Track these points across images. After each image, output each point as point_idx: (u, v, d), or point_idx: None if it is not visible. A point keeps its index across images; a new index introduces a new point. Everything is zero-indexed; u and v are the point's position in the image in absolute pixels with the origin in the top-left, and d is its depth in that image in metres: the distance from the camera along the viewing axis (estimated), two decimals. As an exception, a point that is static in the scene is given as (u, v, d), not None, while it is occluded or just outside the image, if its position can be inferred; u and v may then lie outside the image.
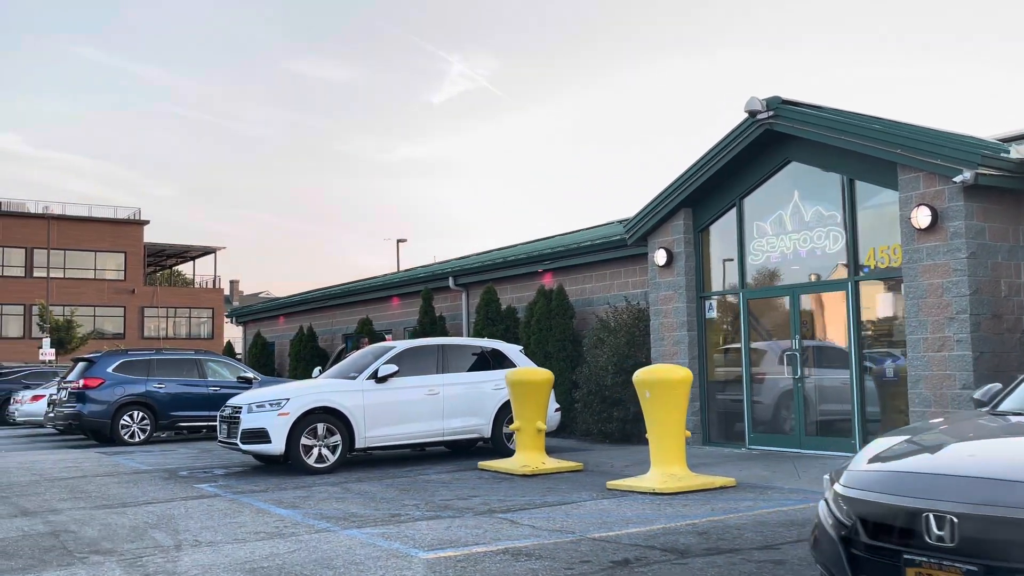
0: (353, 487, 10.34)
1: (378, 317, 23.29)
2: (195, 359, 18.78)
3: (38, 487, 10.95)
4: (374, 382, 12.13)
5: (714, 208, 13.74)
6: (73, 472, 12.48)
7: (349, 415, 11.81)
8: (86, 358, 18.09)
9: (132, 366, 17.84)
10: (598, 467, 11.70)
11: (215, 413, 18.33)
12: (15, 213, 58.25)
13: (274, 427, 11.45)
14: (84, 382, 17.26)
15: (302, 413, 11.57)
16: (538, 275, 18.26)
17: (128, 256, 60.78)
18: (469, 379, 12.87)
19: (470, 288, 20.30)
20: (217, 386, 18.47)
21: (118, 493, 10.26)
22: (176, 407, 17.93)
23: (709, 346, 13.91)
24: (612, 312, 15.40)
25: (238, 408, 11.83)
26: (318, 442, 11.63)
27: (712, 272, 13.96)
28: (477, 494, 9.62)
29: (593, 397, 14.79)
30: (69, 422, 17.41)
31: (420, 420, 12.34)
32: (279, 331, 29.23)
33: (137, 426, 17.47)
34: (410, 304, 22.45)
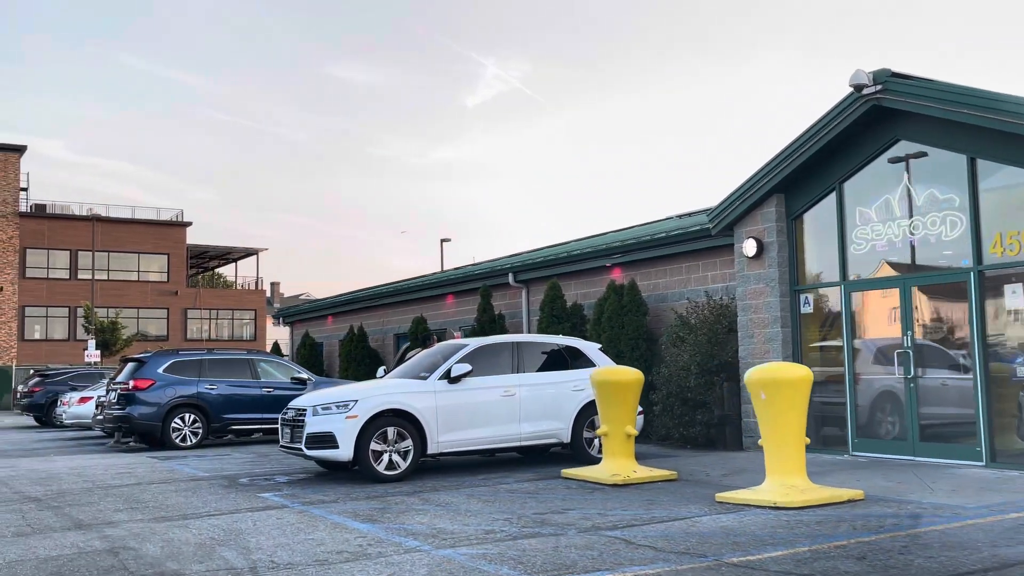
0: (431, 498, 9.41)
1: (432, 316, 22.42)
2: (247, 359, 18.02)
3: (91, 495, 10.17)
4: (446, 382, 11.21)
5: (810, 193, 12.64)
6: (127, 479, 11.71)
7: (421, 418, 10.90)
8: (136, 358, 17.41)
9: (183, 366, 17.12)
10: (692, 476, 10.67)
11: (269, 416, 17.64)
12: (60, 215, 58.39)
13: (342, 431, 10.58)
14: (134, 383, 16.57)
15: (371, 416, 10.68)
16: (606, 270, 17.26)
17: (171, 258, 60.65)
18: (547, 379, 11.90)
19: (530, 284, 19.35)
20: (270, 387, 17.71)
21: (177, 503, 9.44)
22: (228, 409, 17.17)
23: (804, 343, 12.81)
24: (693, 308, 14.34)
25: (302, 411, 10.97)
26: (388, 447, 10.73)
27: (807, 263, 12.86)
28: (571, 506, 8.66)
29: (673, 399, 13.76)
30: (118, 425, 16.72)
31: (495, 424, 11.40)
32: (327, 331, 28.52)
33: (188, 429, 16.73)
34: (465, 302, 21.56)
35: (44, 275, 57.40)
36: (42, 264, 57.57)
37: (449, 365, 11.33)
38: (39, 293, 56.87)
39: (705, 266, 15.11)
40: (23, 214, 56.84)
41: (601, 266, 17.34)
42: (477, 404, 11.30)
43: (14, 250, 56.24)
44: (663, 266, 15.96)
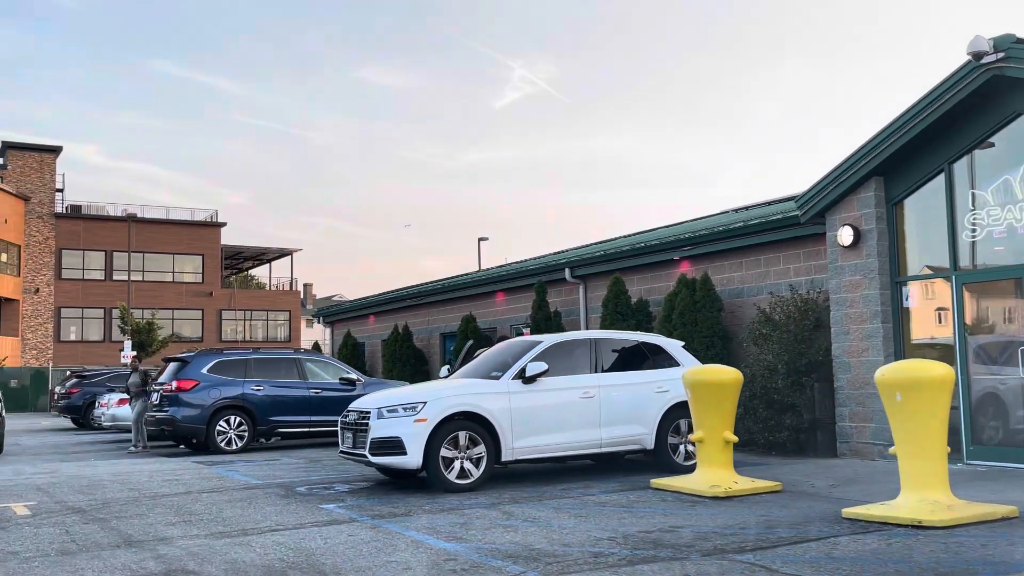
0: (514, 511, 8.44)
1: (482, 315, 21.48)
2: (294, 359, 17.17)
3: (139, 506, 9.31)
4: (521, 383, 10.23)
5: (913, 176, 11.53)
6: (175, 487, 10.86)
7: (494, 422, 9.94)
8: (179, 358, 16.62)
9: (228, 366, 16.30)
10: (795, 487, 9.62)
11: (317, 418, 16.77)
12: (95, 216, 58.20)
13: (410, 436, 9.63)
14: (177, 384, 15.77)
15: (441, 419, 9.73)
16: (673, 264, 16.21)
17: (206, 259, 60.27)
18: (628, 379, 10.88)
19: (588, 280, 18.34)
20: (318, 388, 16.85)
21: (234, 516, 8.54)
22: (275, 411, 16.33)
23: (906, 340, 11.70)
24: (778, 302, 13.25)
25: (366, 413, 10.04)
26: (460, 454, 9.78)
27: (909, 252, 11.75)
28: (678, 523, 7.65)
29: (757, 401, 12.69)
30: (161, 428, 15.93)
31: (574, 428, 10.40)
32: (369, 331, 27.69)
33: (234, 432, 15.91)
34: (517, 300, 20.60)
35: (79, 276, 57.24)
36: (77, 265, 57.42)
37: (523, 364, 10.35)
38: (74, 294, 56.72)
39: (787, 258, 14.02)
40: (59, 215, 56.75)
41: (667, 260, 16.30)
42: (554, 406, 10.32)
43: (50, 251, 56.18)
44: (738, 259, 14.88)
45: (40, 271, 55.98)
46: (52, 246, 56.30)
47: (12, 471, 13.33)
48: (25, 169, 56.39)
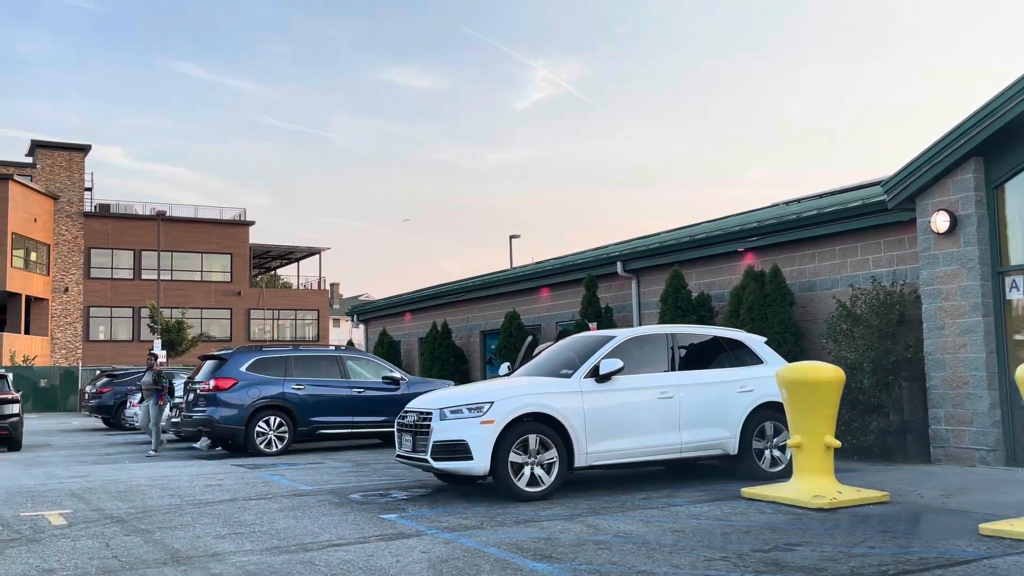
0: (599, 524, 7.57)
1: (526, 311, 20.62)
2: (335, 356, 16.40)
3: (183, 515, 8.53)
4: (594, 381, 9.36)
5: (1017, 156, 10.55)
6: (218, 493, 10.08)
7: (567, 424, 9.07)
8: (216, 356, 15.89)
9: (267, 365, 15.55)
10: (902, 497, 8.69)
11: (360, 419, 15.99)
12: (124, 215, 57.98)
13: (476, 439, 8.79)
14: (215, 383, 15.03)
15: (510, 421, 8.88)
16: (736, 256, 15.28)
17: (234, 258, 59.88)
18: (709, 378, 9.98)
19: (641, 274, 17.43)
20: (361, 387, 16.07)
21: (287, 527, 7.74)
22: (316, 411, 15.56)
23: (1008, 336, 10.71)
24: (860, 295, 12.28)
25: (427, 414, 9.21)
26: (530, 459, 8.92)
27: (1011, 240, 10.76)
28: (790, 540, 6.75)
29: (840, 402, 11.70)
30: (199, 429, 15.21)
31: (652, 431, 9.51)
32: (405, 329, 26.93)
33: (274, 433, 15.15)
34: (563, 295, 19.73)
35: (108, 275, 57.02)
36: (106, 264, 57.20)
37: (596, 360, 9.47)
38: (103, 293, 56.50)
39: (865, 248, 13.05)
40: (87, 214, 56.56)
41: (729, 252, 15.36)
42: (631, 408, 9.44)
43: (79, 250, 56.01)
44: (810, 249, 13.92)
45: (69, 270, 55.81)
46: (81, 245, 56.12)
47: (45, 474, 12.64)
48: (54, 168, 56.26)
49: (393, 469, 12.16)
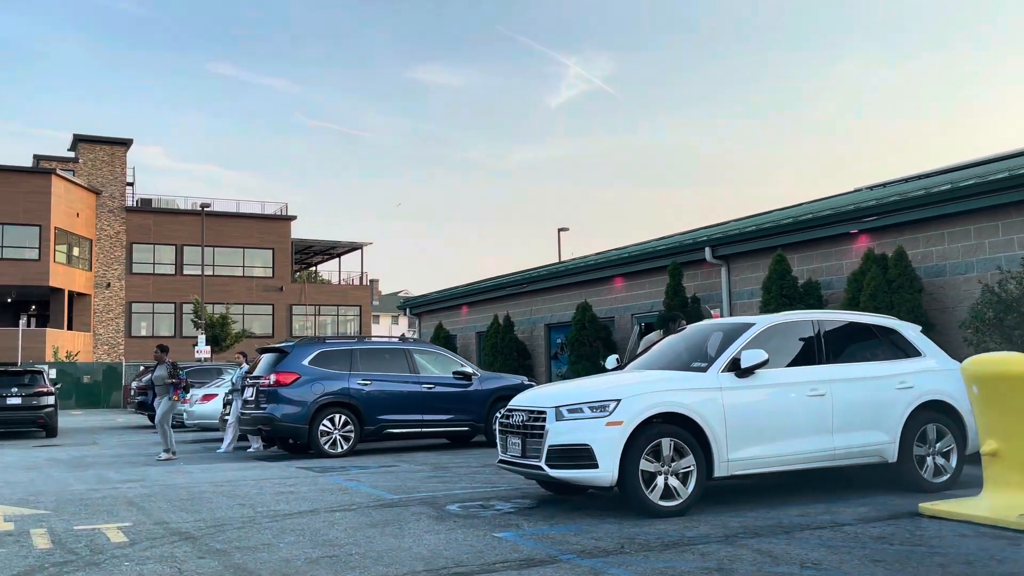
0: (773, 551, 6.19)
1: (598, 302, 19.24)
2: (402, 349, 15.15)
3: (261, 530, 7.29)
4: (734, 376, 7.98)
5: None
6: (294, 502, 8.84)
7: (705, 426, 7.69)
8: (277, 348, 14.70)
9: (330, 358, 14.34)
10: (1115, 514, 7.18)
11: (429, 417, 14.71)
12: (166, 210, 57.47)
13: (602, 443, 7.45)
14: (276, 377, 13.84)
15: (640, 423, 7.53)
16: (848, 238, 13.78)
17: (276, 253, 59.08)
18: (864, 372, 8.54)
19: (732, 261, 15.97)
20: (431, 383, 14.81)
21: (389, 548, 6.45)
22: (384, 409, 14.33)
23: None
24: (1012, 278, 10.75)
25: (539, 413, 7.88)
26: (663, 467, 7.57)
27: None
28: None
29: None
30: (259, 427, 14.03)
31: (802, 435, 8.09)
32: (462, 323, 25.67)
33: (339, 433, 13.94)
34: (639, 285, 18.33)
35: (150, 271, 56.49)
36: (148, 259, 56.66)
37: (735, 351, 8.09)
38: (145, 289, 55.98)
39: (1008, 227, 11.51)
40: (129, 209, 56.09)
41: (838, 234, 13.88)
42: (777, 407, 8.03)
43: (121, 245, 55.53)
44: (938, 229, 12.41)
45: (111, 265, 55.37)
46: (123, 240, 55.64)
47: (95, 478, 11.51)
48: (96, 162, 55.85)
49: (480, 474, 10.87)
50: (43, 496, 9.53)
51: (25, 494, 9.73)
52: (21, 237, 48.87)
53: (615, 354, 9.75)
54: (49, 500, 9.24)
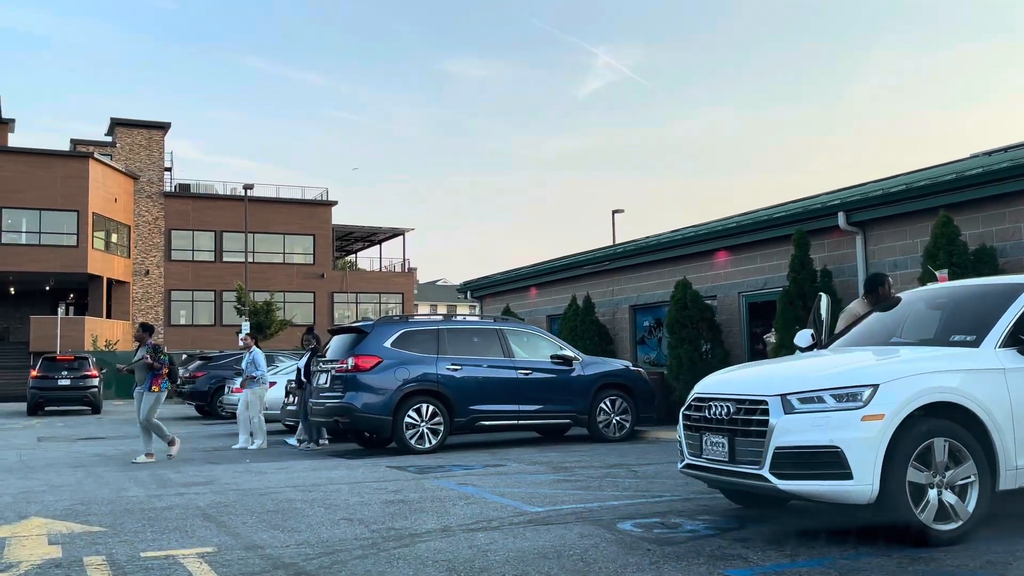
0: None
1: (699, 279, 17.15)
2: (495, 330, 13.19)
3: (389, 561, 5.34)
4: (1016, 353, 5.91)
5: None
6: (411, 515, 6.90)
7: (988, 421, 5.64)
8: (354, 328, 12.80)
9: (415, 339, 12.42)
10: None
11: (526, 408, 12.72)
12: (205, 195, 56.04)
13: (856, 444, 5.41)
14: (355, 361, 11.94)
15: (906, 416, 5.49)
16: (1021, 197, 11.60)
17: (317, 239, 57.43)
18: None
19: (869, 227, 13.82)
20: (527, 368, 12.86)
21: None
22: (477, 398, 12.40)
23: None
24: None
25: (755, 403, 5.84)
26: (935, 477, 5.52)
27: None
28: None
29: None
30: (335, 419, 12.14)
31: (1103, 433, 6.00)
32: (530, 305, 23.69)
33: (427, 425, 12.04)
34: (748, 259, 16.22)
35: (189, 258, 55.09)
36: (187, 246, 55.26)
37: (1011, 320, 6.02)
38: (184, 276, 54.60)
39: None
40: (167, 194, 54.70)
41: (1005, 193, 11.70)
42: (1074, 395, 5.95)
43: (159, 232, 54.18)
44: None
45: (150, 252, 54.05)
46: (162, 226, 54.27)
47: (153, 479, 9.68)
48: (134, 147, 54.51)
49: (616, 477, 8.91)
50: (95, 506, 7.69)
51: (73, 502, 7.91)
52: (59, 223, 47.58)
53: (807, 328, 7.69)
54: (103, 511, 7.39)
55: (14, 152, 47.27)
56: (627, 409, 13.48)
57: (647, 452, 11.56)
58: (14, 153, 47.16)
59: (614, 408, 13.38)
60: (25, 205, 46.69)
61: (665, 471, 9.34)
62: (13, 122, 51.88)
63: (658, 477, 8.90)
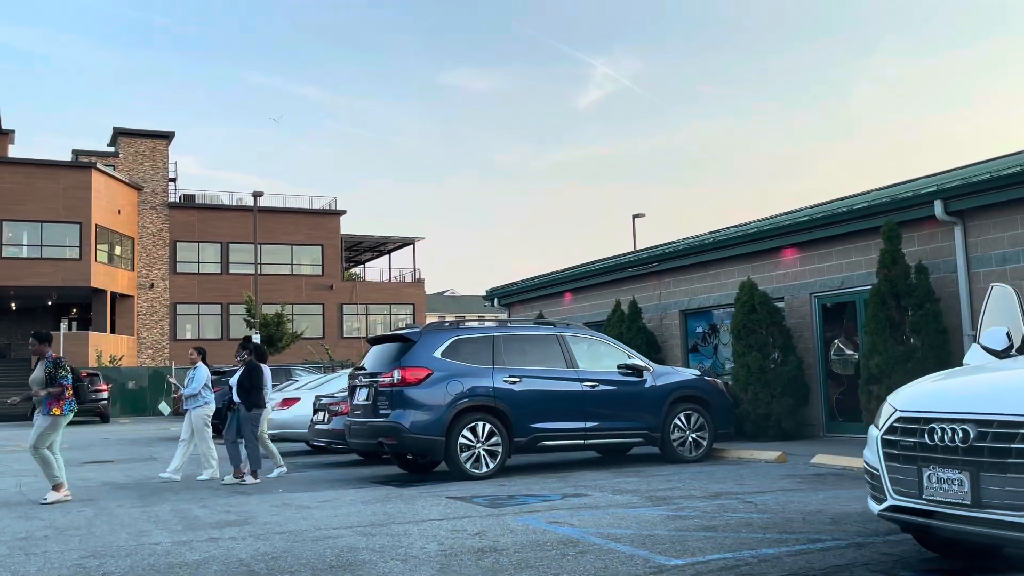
0: None
1: (765, 279, 15.63)
2: (555, 336, 11.65)
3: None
4: None
5: None
6: (514, 571, 5.36)
7: None
8: (398, 335, 11.24)
9: (467, 347, 10.89)
10: None
11: (594, 425, 11.18)
12: (210, 206, 54.54)
13: None
14: (402, 374, 10.40)
15: None
16: None
17: (325, 249, 55.93)
18: None
19: (970, 217, 12.32)
20: (593, 379, 11.33)
21: None
22: (538, 414, 10.86)
23: None
24: None
25: (1017, 424, 4.31)
26: None
27: None
28: None
29: None
30: (380, 440, 10.56)
31: None
32: (564, 311, 22.17)
33: (484, 447, 10.50)
34: (822, 256, 14.71)
35: (195, 270, 53.58)
36: (192, 258, 53.77)
37: None
38: (190, 289, 53.09)
39: None
40: (172, 205, 53.23)
41: None
42: None
43: (164, 244, 52.72)
44: None
45: (154, 265, 52.57)
46: (166, 238, 52.81)
47: (178, 518, 8.12)
48: (137, 157, 53.10)
49: (735, 512, 7.36)
50: (111, 560, 6.15)
51: (83, 554, 6.37)
52: (61, 235, 46.10)
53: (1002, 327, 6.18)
54: (122, 568, 5.85)
55: (15, 163, 45.82)
56: (704, 425, 11.93)
57: (743, 476, 10.02)
58: (14, 164, 45.71)
59: (689, 424, 11.84)
60: (26, 217, 45.23)
61: (791, 503, 7.80)
62: (13, 133, 50.46)
63: (787, 511, 7.36)
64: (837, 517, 6.97)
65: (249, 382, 11.60)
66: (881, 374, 12.27)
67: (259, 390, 11.60)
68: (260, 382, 11.64)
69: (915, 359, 12.01)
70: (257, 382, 11.59)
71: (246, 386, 11.61)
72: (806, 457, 11.51)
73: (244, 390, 11.62)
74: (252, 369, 11.69)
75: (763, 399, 14.40)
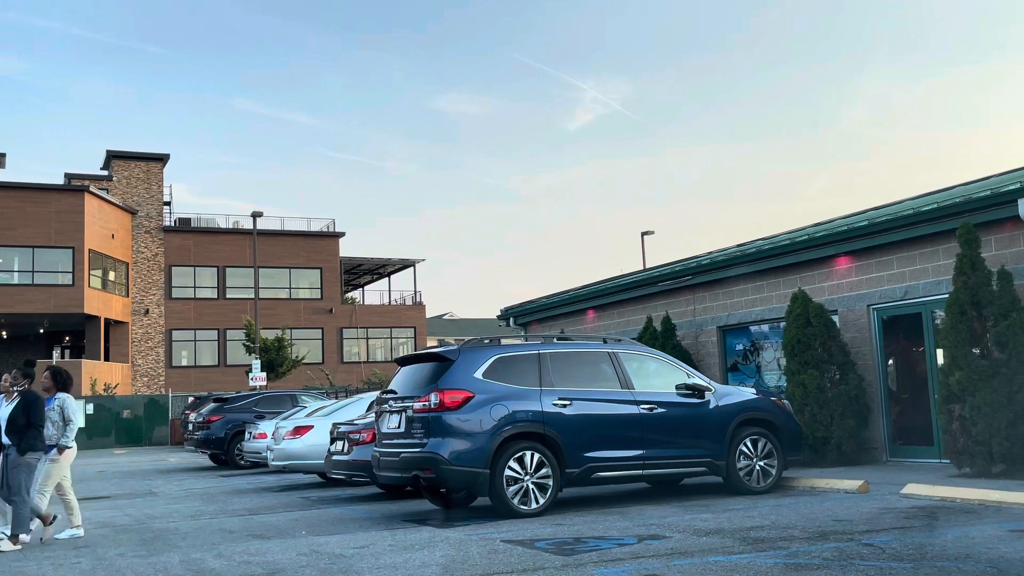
0: None
1: (818, 290, 14.44)
2: (607, 353, 10.41)
3: None
4: None
5: None
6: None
7: None
8: (436, 355, 9.96)
9: (512, 367, 9.65)
10: None
11: (654, 453, 9.93)
12: (206, 229, 53.23)
13: None
14: (440, 397, 9.14)
15: None
16: None
17: (324, 272, 54.64)
18: None
19: (1054, 218, 11.15)
20: (651, 402, 10.07)
21: None
22: (592, 442, 9.61)
23: None
24: None
25: None
26: None
27: None
28: None
29: None
30: (415, 474, 9.29)
31: None
32: (588, 330, 20.95)
33: (532, 480, 9.22)
34: (882, 264, 13.53)
35: (191, 295, 52.24)
36: (188, 283, 52.45)
37: None
38: (186, 315, 51.73)
39: None
40: (167, 229, 51.96)
41: None
42: None
43: (159, 268, 51.42)
44: None
45: (149, 290, 51.22)
46: (161, 263, 51.51)
47: (190, 571, 6.83)
48: (131, 180, 51.90)
49: (864, 560, 6.13)
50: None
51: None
52: (53, 261, 44.77)
53: None
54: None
55: (5, 187, 44.53)
56: (772, 452, 10.68)
57: (832, 510, 8.76)
58: (5, 188, 44.43)
59: (756, 451, 10.58)
60: (17, 243, 43.91)
61: (924, 546, 6.55)
62: (4, 157, 49.25)
63: (929, 556, 6.11)
64: (994, 561, 5.73)
65: (25, 418, 8.71)
66: (963, 391, 11.05)
67: (37, 429, 8.79)
68: (39, 419, 8.82)
69: (1001, 375, 10.82)
70: (36, 419, 8.76)
71: (20, 424, 8.71)
72: (889, 486, 10.25)
73: (16, 429, 8.72)
74: (30, 402, 8.81)
75: (821, 421, 13.17)
